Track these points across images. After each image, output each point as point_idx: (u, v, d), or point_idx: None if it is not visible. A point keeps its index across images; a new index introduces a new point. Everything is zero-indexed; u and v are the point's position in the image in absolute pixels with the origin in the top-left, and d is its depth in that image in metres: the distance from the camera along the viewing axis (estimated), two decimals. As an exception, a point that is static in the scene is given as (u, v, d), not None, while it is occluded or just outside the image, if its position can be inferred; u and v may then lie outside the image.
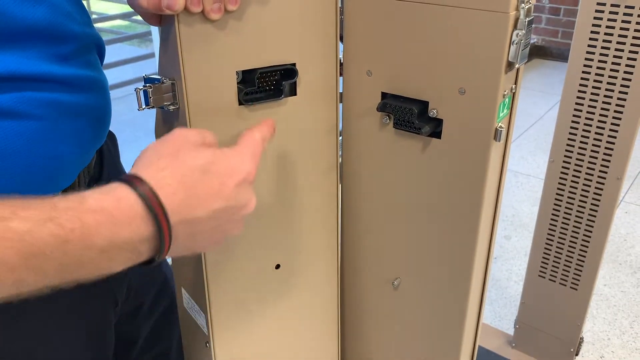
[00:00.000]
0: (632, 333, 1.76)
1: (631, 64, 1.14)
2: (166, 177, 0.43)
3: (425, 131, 0.58)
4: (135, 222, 0.41)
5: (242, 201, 0.47)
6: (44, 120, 0.49)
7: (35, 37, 0.48)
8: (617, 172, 1.26)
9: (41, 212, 0.38)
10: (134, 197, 0.41)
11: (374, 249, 0.71)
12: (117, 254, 0.41)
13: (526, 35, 0.51)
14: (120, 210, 0.40)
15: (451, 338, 0.68)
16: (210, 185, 0.45)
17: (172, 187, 0.43)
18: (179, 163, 0.44)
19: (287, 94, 0.59)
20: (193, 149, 0.46)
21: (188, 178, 0.44)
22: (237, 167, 0.47)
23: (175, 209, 0.42)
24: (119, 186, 0.42)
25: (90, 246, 0.39)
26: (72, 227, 0.38)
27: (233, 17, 0.52)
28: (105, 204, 0.40)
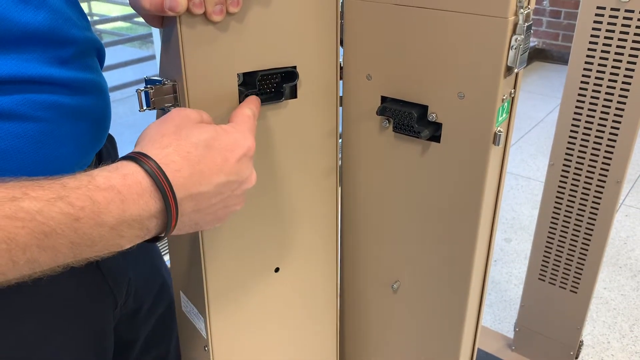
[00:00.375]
0: (632, 336, 1.76)
1: (631, 67, 1.15)
2: (170, 153, 0.44)
3: (424, 135, 0.58)
4: (143, 198, 0.41)
5: (244, 175, 0.48)
6: (45, 122, 0.50)
7: (36, 41, 0.49)
8: (617, 175, 1.26)
9: (51, 191, 0.38)
10: (141, 174, 0.42)
11: (373, 252, 0.71)
12: (126, 231, 0.41)
13: (525, 40, 0.51)
14: (128, 187, 0.41)
15: (450, 341, 0.68)
16: (213, 160, 0.45)
17: (177, 163, 0.43)
18: (182, 140, 0.45)
19: (288, 97, 0.59)
20: (194, 126, 0.47)
21: (192, 154, 0.45)
22: (238, 142, 0.48)
23: (181, 185, 0.43)
24: (126, 164, 0.42)
25: (100, 223, 0.40)
26: (82, 205, 0.39)
27: (235, 19, 0.52)
28: (113, 181, 0.41)
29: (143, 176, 0.42)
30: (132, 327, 0.74)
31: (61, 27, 0.51)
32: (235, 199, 0.49)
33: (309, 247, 0.69)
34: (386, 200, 0.66)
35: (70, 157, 0.53)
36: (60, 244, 0.38)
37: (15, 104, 0.47)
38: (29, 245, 0.37)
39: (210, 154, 0.46)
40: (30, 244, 0.37)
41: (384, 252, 0.69)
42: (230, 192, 0.47)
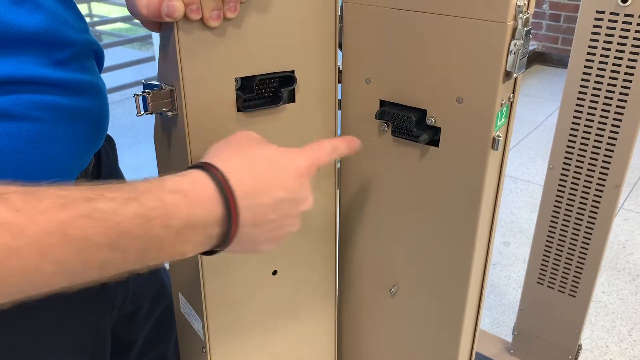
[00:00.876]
0: (631, 340, 1.76)
1: (630, 71, 1.15)
2: (234, 165, 0.46)
3: (423, 139, 0.58)
4: (208, 204, 0.43)
5: (302, 195, 0.49)
6: (41, 122, 0.50)
7: (33, 43, 0.49)
8: (616, 179, 1.26)
9: (124, 192, 0.40)
10: (207, 180, 0.44)
11: (372, 256, 0.71)
12: (191, 236, 0.42)
13: (524, 45, 0.51)
14: (196, 192, 0.43)
15: (449, 344, 0.68)
16: (273, 176, 0.47)
17: (239, 174, 0.45)
18: (245, 155, 0.48)
19: (286, 101, 0.59)
20: (256, 144, 0.50)
21: (253, 167, 0.47)
22: (297, 162, 0.49)
23: (243, 194, 0.45)
24: (193, 171, 0.45)
25: (169, 226, 0.41)
26: (154, 206, 0.40)
27: (232, 24, 0.52)
28: (182, 186, 0.43)
29: (209, 182, 0.44)
30: (130, 329, 0.74)
31: (57, 29, 0.51)
32: (292, 219, 0.50)
33: (307, 250, 0.69)
34: (384, 204, 0.66)
35: (67, 158, 0.53)
36: (130, 245, 0.39)
37: (11, 104, 0.47)
38: (103, 245, 0.38)
39: (270, 169, 0.48)
40: (104, 245, 0.38)
41: (382, 256, 0.69)
42: (287, 210, 0.48)
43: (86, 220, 0.37)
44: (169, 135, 0.58)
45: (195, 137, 0.55)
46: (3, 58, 0.47)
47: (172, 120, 0.56)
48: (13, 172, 0.48)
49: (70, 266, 0.37)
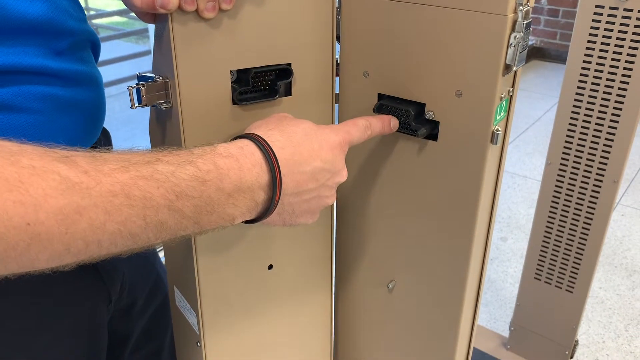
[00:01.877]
0: (627, 336, 1.76)
1: (629, 66, 1.14)
2: (275, 134, 0.49)
3: (421, 133, 0.57)
4: (256, 168, 0.45)
5: (338, 166, 0.52)
6: (39, 114, 0.50)
7: (32, 31, 0.49)
8: (614, 175, 1.25)
9: (180, 156, 0.42)
10: (254, 146, 0.47)
11: (369, 251, 0.70)
12: (240, 199, 0.45)
13: (524, 38, 0.51)
14: (245, 157, 0.45)
15: (446, 339, 0.68)
16: (311, 145, 0.50)
17: (280, 142, 0.48)
18: (284, 126, 0.50)
19: (282, 94, 0.58)
20: (292, 120, 0.52)
21: (293, 137, 0.49)
22: (331, 137, 0.52)
23: (285, 161, 0.47)
24: (240, 139, 0.47)
25: (222, 188, 0.43)
26: (208, 169, 0.43)
27: (227, 15, 0.52)
28: (232, 151, 0.45)
29: (255, 149, 0.46)
30: (126, 322, 0.74)
31: (58, 18, 0.50)
32: (328, 190, 0.52)
33: (303, 244, 0.68)
34: (382, 199, 0.66)
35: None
36: (186, 207, 0.41)
37: (11, 95, 0.47)
38: (162, 206, 0.39)
39: (307, 139, 0.50)
40: (163, 205, 0.40)
41: (379, 250, 0.69)
42: (324, 180, 0.51)
43: (146, 181, 0.39)
44: (163, 128, 0.57)
45: (190, 129, 0.54)
46: (5, 47, 0.47)
47: (166, 112, 0.55)
48: None
49: (131, 227, 0.39)
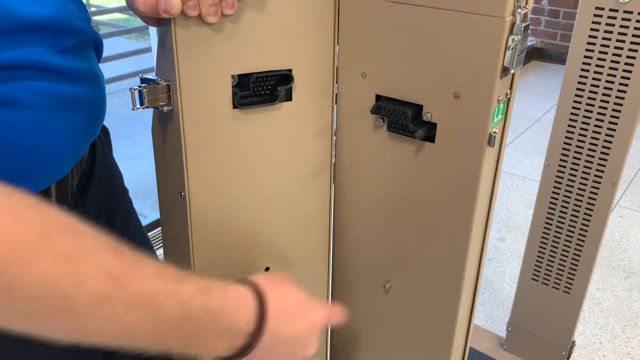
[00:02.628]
0: (624, 337, 1.77)
1: (628, 68, 1.14)
2: (273, 292, 0.51)
3: (418, 135, 0.57)
4: (247, 316, 0.48)
5: (312, 340, 0.54)
6: (42, 111, 0.50)
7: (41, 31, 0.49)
8: (612, 176, 1.26)
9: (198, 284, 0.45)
10: (251, 297, 0.49)
11: (365, 252, 0.70)
12: (225, 339, 0.47)
13: (522, 40, 0.51)
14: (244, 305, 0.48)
15: (442, 339, 0.68)
16: (298, 314, 0.53)
17: (275, 301, 0.50)
18: (284, 288, 0.53)
19: (283, 99, 0.59)
20: (289, 284, 0.55)
21: (285, 301, 0.52)
22: (316, 312, 0.55)
23: (271, 319, 0.49)
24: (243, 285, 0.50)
25: (218, 324, 0.45)
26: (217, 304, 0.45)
27: (230, 20, 0.52)
28: (237, 294, 0.48)
29: (252, 300, 0.49)
30: None
31: (66, 18, 0.51)
32: (295, 357, 0.54)
33: (300, 246, 0.68)
34: (379, 200, 0.66)
35: (66, 147, 0.53)
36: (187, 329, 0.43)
37: (14, 91, 0.47)
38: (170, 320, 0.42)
39: (295, 308, 0.53)
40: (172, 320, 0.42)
41: (376, 251, 0.69)
42: (295, 349, 0.53)
43: (170, 295, 0.42)
44: (164, 130, 0.58)
45: (190, 132, 0.54)
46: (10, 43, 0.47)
47: (168, 115, 0.55)
48: (15, 162, 0.48)
49: (138, 328, 0.40)
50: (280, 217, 0.64)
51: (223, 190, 0.59)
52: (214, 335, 0.46)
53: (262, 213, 0.63)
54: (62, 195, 0.56)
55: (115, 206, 0.69)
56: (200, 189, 0.57)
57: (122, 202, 0.72)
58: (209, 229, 0.60)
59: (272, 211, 0.63)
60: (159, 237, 1.76)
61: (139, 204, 2.25)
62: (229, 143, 0.57)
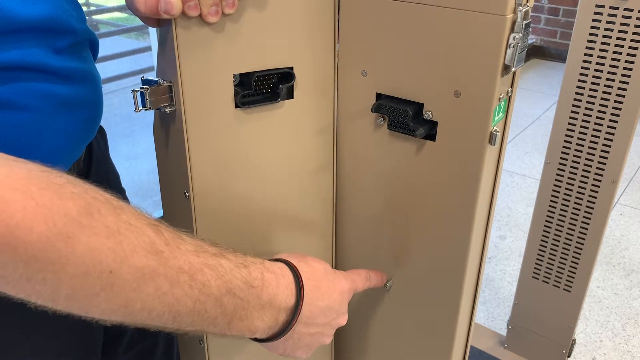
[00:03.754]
0: (625, 335, 1.77)
1: (629, 66, 1.14)
2: (303, 266, 0.53)
3: (419, 133, 0.57)
4: (288, 289, 0.49)
5: (343, 309, 0.56)
6: (40, 112, 0.50)
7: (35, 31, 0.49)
8: (612, 174, 1.25)
9: (237, 258, 0.46)
10: (288, 271, 0.51)
11: (367, 251, 0.70)
12: (268, 315, 0.47)
13: (523, 38, 0.51)
14: (283, 277, 0.49)
15: (443, 338, 0.68)
16: (328, 285, 0.54)
17: (307, 273, 0.52)
18: (309, 261, 0.54)
19: (284, 97, 0.58)
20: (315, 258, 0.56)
21: (317, 273, 0.54)
22: (342, 281, 0.57)
23: (307, 291, 0.51)
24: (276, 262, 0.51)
25: (260, 298, 0.46)
26: (256, 277, 0.46)
27: (231, 20, 0.52)
28: (275, 268, 0.49)
29: (289, 273, 0.50)
30: None
31: (61, 18, 0.51)
32: (330, 329, 0.55)
33: (304, 244, 0.68)
34: (380, 199, 0.66)
35: (63, 148, 0.53)
36: (229, 304, 0.44)
37: (11, 93, 0.47)
38: (213, 295, 0.42)
39: (326, 278, 0.54)
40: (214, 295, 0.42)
41: (376, 250, 0.69)
42: (330, 319, 0.54)
43: (210, 270, 0.42)
44: (167, 131, 0.57)
45: (193, 133, 0.54)
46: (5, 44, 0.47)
47: (170, 116, 0.55)
48: None
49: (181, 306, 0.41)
50: (284, 215, 0.64)
51: (227, 190, 0.59)
52: (257, 309, 0.46)
53: (266, 212, 0.63)
54: None
55: None
56: (204, 189, 0.57)
57: None
58: (213, 228, 0.60)
59: (276, 210, 0.63)
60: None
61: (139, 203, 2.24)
62: (232, 143, 0.57)
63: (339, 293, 0.55)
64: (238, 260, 0.45)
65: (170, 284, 0.40)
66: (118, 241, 0.37)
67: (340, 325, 0.57)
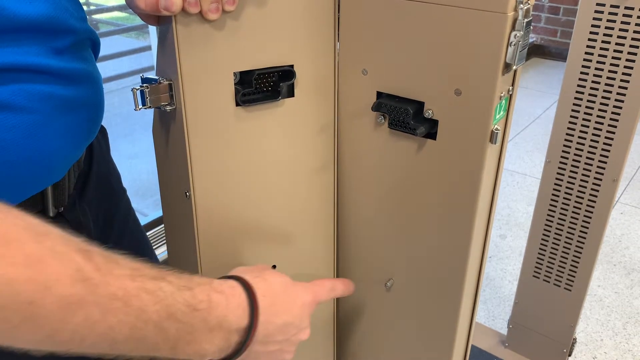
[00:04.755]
0: (625, 334, 1.76)
1: (630, 65, 1.14)
2: (259, 282, 0.50)
3: (420, 132, 0.57)
4: (239, 310, 0.47)
5: (304, 324, 0.54)
6: (39, 114, 0.49)
7: (33, 31, 0.48)
8: (613, 173, 1.25)
9: (181, 280, 0.44)
10: (241, 289, 0.48)
11: (368, 250, 0.70)
12: (218, 337, 0.45)
13: (524, 36, 0.51)
14: (233, 297, 0.47)
15: (444, 337, 0.68)
16: (287, 300, 0.52)
17: (263, 290, 0.50)
18: (267, 276, 0.52)
19: (285, 96, 0.58)
20: (274, 272, 0.54)
21: (274, 288, 0.51)
22: (303, 295, 0.55)
23: (263, 309, 0.49)
24: (229, 279, 0.49)
25: (207, 321, 0.44)
26: (202, 299, 0.44)
27: (231, 17, 0.51)
28: (224, 288, 0.47)
29: (242, 292, 0.48)
30: None
31: (59, 17, 0.50)
32: (290, 345, 0.53)
33: (306, 244, 0.68)
34: (381, 198, 0.66)
35: (63, 149, 0.53)
36: (172, 328, 0.42)
37: (10, 95, 0.47)
38: (151, 321, 0.40)
39: (285, 293, 0.52)
40: (152, 321, 0.41)
41: (378, 249, 0.69)
42: (290, 335, 0.52)
43: (148, 294, 0.40)
44: (167, 130, 0.57)
45: (194, 131, 0.54)
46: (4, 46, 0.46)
47: (170, 114, 0.55)
48: (10, 165, 0.48)
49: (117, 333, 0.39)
50: (285, 214, 0.64)
51: (228, 189, 0.59)
52: (205, 332, 0.44)
53: (268, 210, 0.63)
54: (58, 197, 0.56)
55: (113, 206, 0.69)
56: (205, 188, 0.57)
57: (120, 202, 0.71)
58: (214, 228, 0.60)
59: (277, 208, 0.63)
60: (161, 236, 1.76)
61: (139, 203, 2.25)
62: (233, 141, 0.57)
63: (299, 308, 0.53)
64: (181, 282, 0.43)
65: (102, 312, 0.38)
66: (39, 270, 0.35)
67: (302, 340, 0.55)
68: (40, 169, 0.51)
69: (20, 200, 0.51)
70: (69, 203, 0.58)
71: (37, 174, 0.51)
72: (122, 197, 0.72)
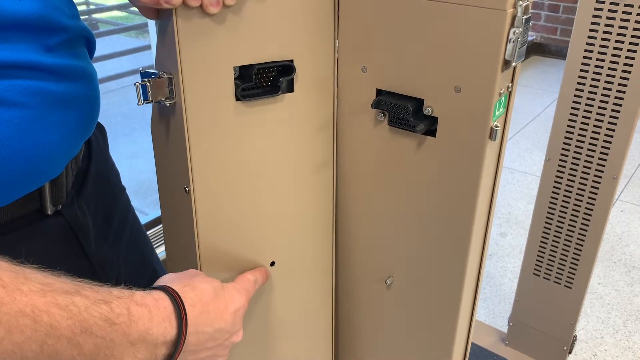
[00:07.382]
0: (625, 332, 1.77)
1: (629, 62, 1.14)
2: (188, 291, 0.50)
3: (420, 129, 0.57)
4: (165, 322, 0.46)
5: (235, 328, 0.54)
6: (32, 109, 0.49)
7: (24, 28, 0.48)
8: (613, 171, 1.25)
9: (98, 294, 0.43)
10: (168, 301, 0.47)
11: (367, 247, 0.70)
12: (142, 351, 0.44)
13: (523, 33, 0.51)
14: (157, 309, 0.46)
15: (444, 335, 0.68)
16: (218, 307, 0.52)
17: (192, 299, 0.49)
18: (197, 283, 0.52)
19: (285, 91, 0.58)
20: (204, 277, 0.54)
21: (204, 296, 0.51)
22: (235, 298, 0.55)
23: (192, 318, 0.48)
24: (155, 291, 0.48)
25: (127, 335, 0.43)
26: (120, 312, 0.43)
27: (231, 11, 0.51)
28: (147, 300, 0.46)
29: (169, 303, 0.47)
30: None
31: (49, 15, 0.50)
32: (223, 349, 0.53)
33: (305, 240, 0.68)
34: (381, 195, 0.66)
35: (58, 145, 0.53)
36: (87, 343, 0.41)
37: (3, 90, 0.47)
38: (63, 337, 0.39)
39: (216, 300, 0.52)
40: (65, 337, 0.40)
41: (378, 247, 0.69)
42: (222, 340, 0.52)
43: (60, 310, 0.39)
44: (167, 125, 0.57)
45: (194, 125, 0.54)
46: None
47: (170, 108, 0.55)
48: (5, 161, 0.48)
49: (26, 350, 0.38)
50: (284, 210, 0.64)
51: (227, 184, 0.59)
52: (127, 346, 0.43)
53: (267, 206, 0.63)
54: (56, 195, 0.56)
55: (112, 204, 0.69)
56: (204, 183, 0.57)
57: (119, 200, 0.71)
58: (214, 224, 0.60)
59: (276, 204, 0.63)
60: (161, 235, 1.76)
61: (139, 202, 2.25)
62: (233, 136, 0.57)
63: (232, 313, 0.53)
64: (98, 296, 0.42)
65: (7, 329, 0.37)
66: None
67: (235, 342, 0.54)
68: (35, 164, 0.51)
69: (16, 197, 0.51)
70: (67, 201, 0.58)
71: (33, 169, 0.51)
72: (121, 196, 0.72)
